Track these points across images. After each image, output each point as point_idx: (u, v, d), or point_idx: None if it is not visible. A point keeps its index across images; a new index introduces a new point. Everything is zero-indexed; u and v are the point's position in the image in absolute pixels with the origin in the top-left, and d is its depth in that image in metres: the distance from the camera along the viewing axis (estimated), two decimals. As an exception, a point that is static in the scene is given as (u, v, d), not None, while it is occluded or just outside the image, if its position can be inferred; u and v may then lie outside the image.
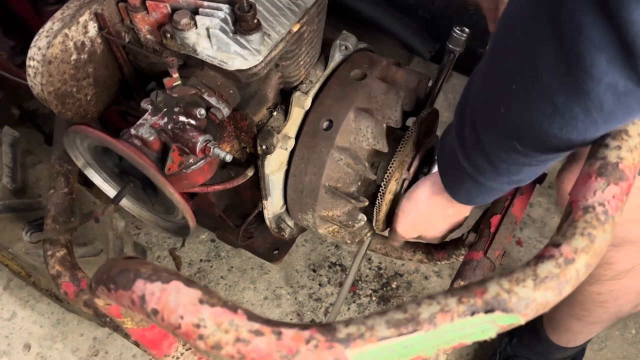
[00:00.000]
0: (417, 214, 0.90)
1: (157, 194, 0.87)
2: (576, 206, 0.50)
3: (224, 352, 0.44)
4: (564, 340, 1.38)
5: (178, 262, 1.78)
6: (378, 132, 0.92)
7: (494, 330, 0.45)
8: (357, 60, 0.96)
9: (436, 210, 0.89)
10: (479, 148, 0.66)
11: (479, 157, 0.67)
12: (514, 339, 1.53)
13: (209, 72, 0.86)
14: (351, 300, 1.70)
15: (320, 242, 1.80)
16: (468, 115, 0.67)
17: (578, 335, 1.35)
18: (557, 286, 0.45)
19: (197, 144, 0.80)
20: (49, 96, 0.81)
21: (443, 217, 0.91)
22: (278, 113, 0.92)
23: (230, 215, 1.22)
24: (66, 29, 0.79)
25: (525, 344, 1.49)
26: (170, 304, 0.46)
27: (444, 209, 0.88)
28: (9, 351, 1.59)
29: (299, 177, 0.95)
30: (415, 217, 0.91)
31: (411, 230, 0.95)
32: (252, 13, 0.76)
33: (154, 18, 0.82)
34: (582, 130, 0.51)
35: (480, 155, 0.67)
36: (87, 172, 0.91)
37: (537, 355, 1.49)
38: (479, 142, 0.65)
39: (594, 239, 0.47)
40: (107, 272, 0.52)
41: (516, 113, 0.56)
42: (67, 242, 0.94)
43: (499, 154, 0.64)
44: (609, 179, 0.50)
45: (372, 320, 0.44)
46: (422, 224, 0.93)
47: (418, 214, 0.90)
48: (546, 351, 1.47)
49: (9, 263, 1.52)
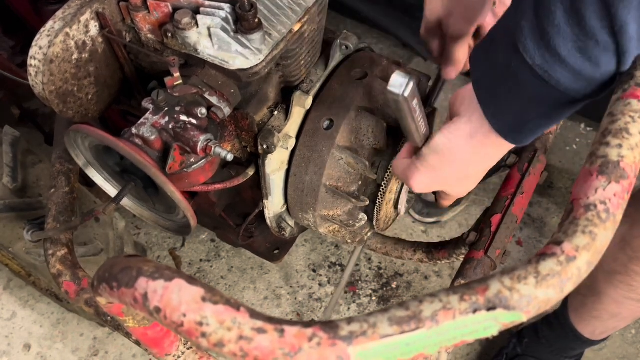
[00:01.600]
0: (453, 169, 0.76)
1: (158, 193, 0.87)
2: (577, 204, 0.50)
3: (227, 350, 0.44)
4: (588, 330, 1.38)
5: (178, 262, 1.78)
6: (379, 132, 0.92)
7: (496, 327, 0.45)
8: (358, 60, 0.96)
9: (479, 162, 0.75)
10: (582, 24, 0.54)
11: (576, 38, 0.56)
12: (525, 339, 1.53)
13: (210, 71, 0.86)
14: (351, 300, 1.70)
15: (320, 242, 1.81)
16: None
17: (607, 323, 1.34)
18: (558, 284, 0.46)
19: (198, 143, 0.80)
20: (50, 95, 0.81)
21: (483, 170, 0.78)
22: (279, 112, 0.92)
23: (231, 215, 1.22)
24: (67, 28, 0.79)
25: (544, 342, 1.48)
26: (172, 301, 0.46)
27: (488, 160, 0.75)
28: (9, 351, 1.59)
29: (300, 177, 0.95)
30: (449, 172, 0.77)
31: (435, 187, 0.81)
32: (253, 12, 0.77)
33: (155, 17, 0.82)
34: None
35: (582, 34, 0.55)
36: (88, 171, 0.91)
37: (553, 354, 1.49)
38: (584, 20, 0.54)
39: (596, 237, 0.48)
40: (110, 270, 0.52)
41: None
42: (68, 242, 0.94)
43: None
44: (610, 177, 0.50)
45: (374, 318, 0.44)
46: (455, 179, 0.79)
47: (455, 169, 0.76)
48: (566, 347, 1.47)
49: (9, 263, 1.52)
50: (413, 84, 0.66)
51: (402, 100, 0.66)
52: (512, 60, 0.62)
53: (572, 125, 2.06)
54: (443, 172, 0.77)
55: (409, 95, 0.66)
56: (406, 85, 0.65)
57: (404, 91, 0.65)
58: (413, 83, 0.65)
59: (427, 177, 0.78)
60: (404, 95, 0.65)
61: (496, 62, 0.65)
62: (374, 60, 0.96)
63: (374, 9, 2.01)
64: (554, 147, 2.00)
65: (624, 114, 0.54)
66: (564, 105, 0.63)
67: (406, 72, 0.65)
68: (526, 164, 1.01)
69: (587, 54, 0.57)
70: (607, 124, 0.54)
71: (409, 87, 0.65)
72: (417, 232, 1.85)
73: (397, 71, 0.65)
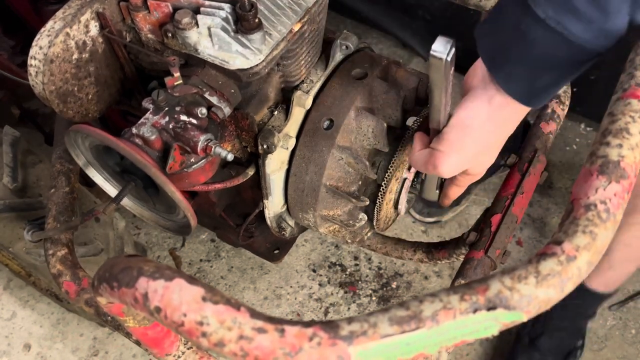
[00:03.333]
0: (475, 141, 0.75)
1: (159, 193, 0.87)
2: (578, 204, 0.50)
3: (227, 350, 0.44)
4: (602, 283, 1.40)
5: (178, 262, 1.78)
6: (379, 132, 0.92)
7: (496, 327, 0.45)
8: (358, 60, 0.96)
9: (499, 129, 0.75)
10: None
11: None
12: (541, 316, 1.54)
13: (210, 71, 0.86)
14: (351, 300, 1.70)
15: (320, 242, 1.81)
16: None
17: (619, 270, 1.35)
18: (559, 283, 0.46)
19: (198, 143, 0.80)
20: (51, 95, 0.82)
21: (503, 139, 0.78)
22: (279, 112, 0.92)
23: (231, 215, 1.22)
24: (68, 28, 0.79)
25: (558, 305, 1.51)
26: (173, 301, 0.46)
27: (508, 125, 0.75)
28: (9, 351, 1.59)
29: (300, 177, 0.95)
30: (472, 145, 0.76)
31: (462, 166, 0.80)
32: (253, 12, 0.77)
33: (155, 17, 0.82)
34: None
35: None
36: (88, 171, 0.91)
37: (568, 318, 1.50)
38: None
39: (596, 237, 0.48)
40: (110, 270, 0.52)
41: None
42: (68, 241, 0.94)
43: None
44: (610, 177, 0.50)
45: (374, 318, 0.44)
46: (478, 152, 0.78)
47: (477, 141, 0.76)
48: (581, 305, 1.48)
49: (9, 263, 1.52)
50: (454, 49, 0.64)
51: (445, 65, 0.65)
52: (521, 20, 0.63)
53: (572, 125, 2.06)
54: (466, 147, 0.76)
55: (451, 60, 0.65)
56: (450, 49, 0.63)
57: (447, 55, 0.64)
58: (454, 48, 0.64)
59: (454, 157, 0.77)
60: (447, 60, 0.64)
61: (504, 27, 0.66)
62: (374, 60, 0.96)
63: (374, 9, 2.01)
64: (554, 147, 2.00)
65: (624, 113, 0.54)
66: (574, 62, 0.64)
67: (448, 37, 0.64)
68: (526, 164, 1.01)
69: (600, 2, 0.58)
70: (607, 124, 0.54)
71: (452, 51, 0.64)
72: (417, 232, 1.85)
73: (440, 35, 0.64)
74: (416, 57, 2.16)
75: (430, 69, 0.68)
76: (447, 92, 0.72)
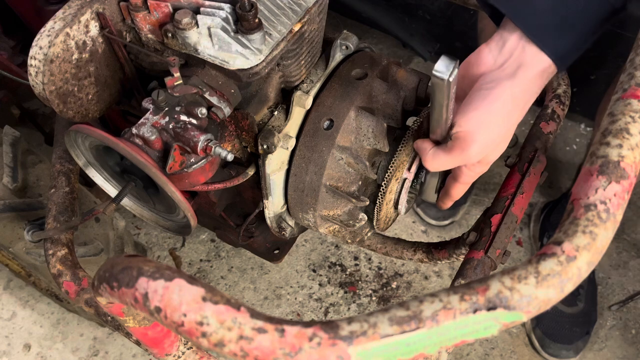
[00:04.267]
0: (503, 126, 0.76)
1: (159, 193, 0.87)
2: (577, 204, 0.50)
3: (227, 350, 0.44)
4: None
5: (178, 262, 1.78)
6: (379, 132, 0.92)
7: (496, 327, 0.45)
8: (358, 60, 0.96)
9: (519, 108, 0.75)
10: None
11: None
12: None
13: (210, 71, 0.86)
14: (351, 300, 1.70)
15: (320, 242, 1.81)
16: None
17: None
18: (559, 283, 0.46)
19: (198, 143, 0.80)
20: (51, 95, 0.82)
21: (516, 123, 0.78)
22: (279, 112, 0.92)
23: (231, 215, 1.22)
24: (68, 28, 0.79)
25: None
26: (173, 301, 0.46)
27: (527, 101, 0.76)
28: (9, 351, 1.59)
29: (300, 177, 0.95)
30: (499, 126, 0.76)
31: (488, 147, 0.79)
32: (253, 12, 0.77)
33: (155, 17, 0.82)
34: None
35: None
36: (88, 171, 0.91)
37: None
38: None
39: (596, 237, 0.48)
40: (110, 270, 0.52)
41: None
42: (68, 241, 0.94)
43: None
44: (610, 177, 0.50)
45: (374, 318, 0.44)
46: (500, 135, 0.78)
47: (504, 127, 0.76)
48: None
49: (9, 263, 1.52)
50: (457, 70, 0.65)
51: (446, 85, 0.65)
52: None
53: (572, 125, 2.06)
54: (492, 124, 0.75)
55: (453, 80, 0.65)
56: (452, 69, 0.64)
57: (450, 75, 0.64)
58: (457, 69, 0.65)
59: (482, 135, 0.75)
60: (450, 80, 0.64)
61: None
62: (374, 60, 0.96)
63: (374, 9, 2.01)
64: (554, 147, 2.00)
65: (624, 114, 0.54)
66: (602, 17, 0.65)
67: (452, 57, 0.64)
68: (526, 164, 1.01)
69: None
70: (607, 124, 0.54)
71: (455, 71, 0.64)
72: (417, 232, 1.85)
73: (444, 55, 0.64)
74: (416, 57, 2.16)
75: (432, 88, 0.68)
76: (449, 109, 0.72)
